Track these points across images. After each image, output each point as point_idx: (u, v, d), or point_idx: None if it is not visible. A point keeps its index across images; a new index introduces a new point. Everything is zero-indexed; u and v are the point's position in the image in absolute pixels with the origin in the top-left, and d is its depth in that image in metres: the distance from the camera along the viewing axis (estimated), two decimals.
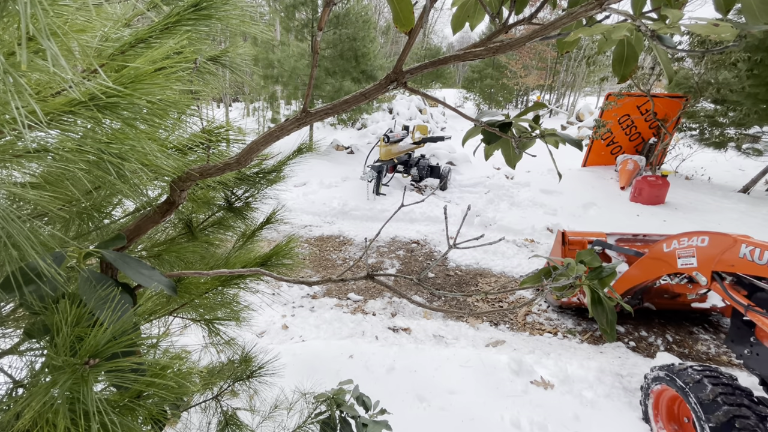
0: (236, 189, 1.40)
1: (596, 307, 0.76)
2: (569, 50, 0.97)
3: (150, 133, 0.62)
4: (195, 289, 1.25)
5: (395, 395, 2.48)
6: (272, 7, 9.98)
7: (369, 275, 0.92)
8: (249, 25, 0.81)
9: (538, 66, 21.21)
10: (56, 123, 0.52)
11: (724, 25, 0.62)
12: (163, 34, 0.69)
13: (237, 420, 1.42)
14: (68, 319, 0.59)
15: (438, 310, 0.94)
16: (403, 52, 0.80)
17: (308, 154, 1.52)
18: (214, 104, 13.03)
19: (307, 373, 2.42)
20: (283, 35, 10.42)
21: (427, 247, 5.27)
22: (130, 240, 0.88)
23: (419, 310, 3.73)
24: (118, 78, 0.55)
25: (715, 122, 8.13)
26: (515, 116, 0.92)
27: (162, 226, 1.32)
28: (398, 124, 11.27)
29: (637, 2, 0.75)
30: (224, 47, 0.99)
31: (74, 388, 0.54)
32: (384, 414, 1.40)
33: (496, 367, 2.79)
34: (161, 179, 0.88)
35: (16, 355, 0.75)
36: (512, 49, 0.77)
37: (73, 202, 0.84)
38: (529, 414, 2.41)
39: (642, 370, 2.86)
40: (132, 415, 0.68)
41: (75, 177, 0.57)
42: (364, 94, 0.82)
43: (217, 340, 1.46)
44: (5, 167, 0.53)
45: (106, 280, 0.66)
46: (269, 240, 1.59)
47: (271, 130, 0.84)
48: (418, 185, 7.86)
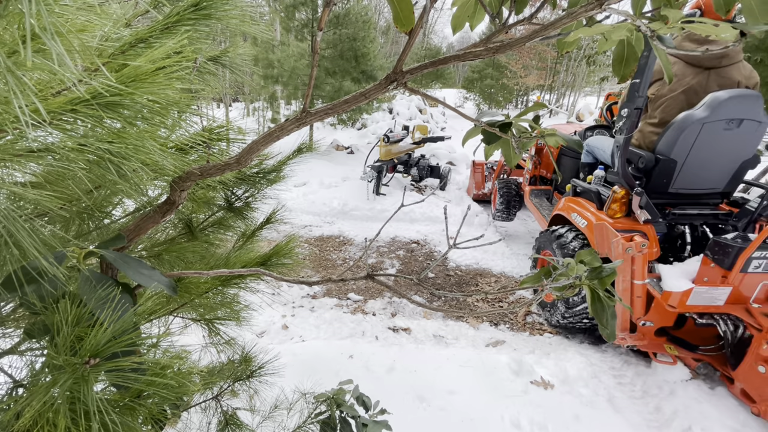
0: (236, 189, 1.41)
1: (596, 306, 0.76)
2: (569, 50, 0.97)
3: (151, 132, 0.62)
4: (195, 288, 1.25)
5: (395, 395, 2.48)
6: (272, 7, 9.99)
7: (369, 275, 0.92)
8: (249, 25, 0.81)
9: (538, 66, 21.20)
10: (58, 122, 0.52)
11: (724, 25, 0.62)
12: (163, 34, 0.69)
13: (237, 420, 1.42)
14: (68, 318, 0.59)
15: (438, 310, 0.94)
16: (403, 52, 0.80)
17: (308, 154, 1.52)
18: (214, 104, 13.03)
19: (307, 373, 2.42)
20: (283, 35, 10.42)
21: (427, 247, 5.27)
22: (130, 240, 0.88)
23: (419, 310, 3.73)
24: (119, 77, 0.55)
25: None
26: (515, 116, 0.92)
27: (162, 226, 1.33)
28: (398, 124, 11.27)
29: (637, 2, 0.75)
30: (224, 47, 0.99)
31: (74, 388, 0.55)
32: (384, 414, 1.40)
33: (496, 367, 2.79)
34: (162, 179, 0.88)
35: (17, 355, 0.75)
36: (512, 49, 0.77)
37: (74, 201, 0.84)
38: (529, 414, 2.41)
39: (643, 370, 2.86)
40: (132, 414, 0.68)
41: (76, 176, 0.57)
42: (364, 94, 0.82)
43: (217, 340, 1.46)
44: (6, 166, 0.53)
45: (106, 280, 0.66)
46: (269, 240, 1.59)
47: (271, 130, 0.84)
48: (418, 185, 7.86)
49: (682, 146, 2.64)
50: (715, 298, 2.37)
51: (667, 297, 2.46)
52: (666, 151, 2.71)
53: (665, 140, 2.72)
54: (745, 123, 2.56)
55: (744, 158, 2.77)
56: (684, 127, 2.58)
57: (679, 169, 2.73)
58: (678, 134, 2.61)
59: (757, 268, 2.27)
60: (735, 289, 2.34)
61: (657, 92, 2.86)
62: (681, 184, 2.83)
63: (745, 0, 0.66)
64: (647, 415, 2.52)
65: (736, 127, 2.57)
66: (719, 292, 2.34)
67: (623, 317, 2.72)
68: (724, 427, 2.33)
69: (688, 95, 2.72)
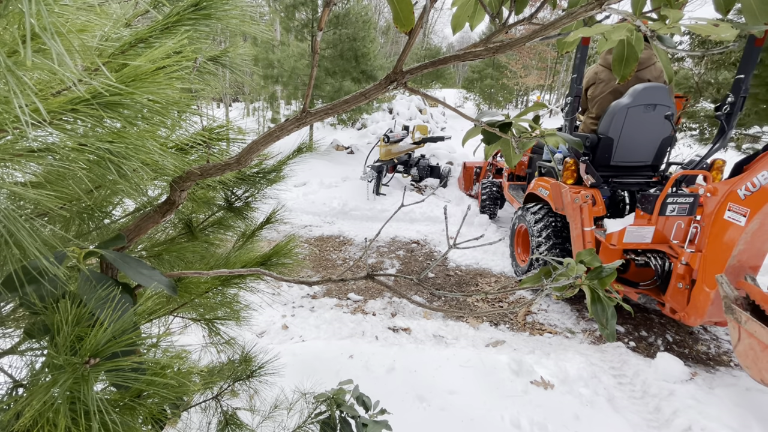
0: (236, 189, 1.40)
1: (596, 306, 0.76)
2: (569, 50, 0.97)
3: (151, 131, 0.62)
4: (195, 288, 1.25)
5: (395, 395, 2.48)
6: (272, 7, 9.99)
7: (369, 275, 0.92)
8: (249, 25, 0.81)
9: (538, 66, 21.20)
10: (58, 122, 0.52)
11: (724, 25, 0.62)
12: (163, 34, 0.69)
13: (237, 420, 1.42)
14: (68, 318, 0.59)
15: (438, 310, 0.94)
16: (403, 52, 0.80)
17: (308, 154, 1.52)
18: (214, 104, 13.03)
19: (307, 373, 2.42)
20: (283, 35, 10.42)
21: (427, 247, 5.27)
22: (130, 240, 0.88)
23: (419, 310, 3.73)
24: (119, 77, 0.55)
25: (715, 122, 8.14)
26: (515, 116, 0.92)
27: (162, 226, 1.33)
28: (398, 124, 11.27)
29: (637, 2, 0.75)
30: (224, 47, 0.99)
31: (75, 388, 0.55)
32: (384, 414, 1.40)
33: (496, 367, 2.79)
34: (161, 179, 0.88)
35: (17, 355, 0.75)
36: (512, 49, 0.77)
37: (74, 201, 0.84)
38: (529, 414, 2.41)
39: (642, 369, 2.86)
40: (132, 414, 0.68)
41: (76, 176, 0.57)
42: (364, 94, 0.82)
43: (217, 340, 1.46)
44: (6, 166, 0.53)
45: (106, 280, 0.66)
46: (269, 240, 1.59)
47: (271, 130, 0.84)
48: (418, 185, 7.86)
49: (616, 126, 3.55)
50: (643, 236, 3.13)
51: (609, 238, 3.26)
52: (604, 131, 3.63)
53: (603, 124, 3.65)
54: (658, 107, 3.46)
55: (663, 136, 3.65)
56: (615, 111, 3.51)
57: (615, 144, 3.61)
58: (611, 118, 3.54)
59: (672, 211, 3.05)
60: (658, 230, 3.10)
61: (592, 93, 3.88)
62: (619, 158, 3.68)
63: (745, 0, 0.66)
64: (647, 415, 2.52)
65: (652, 111, 3.47)
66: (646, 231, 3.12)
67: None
68: (724, 426, 2.33)
69: (614, 94, 3.72)
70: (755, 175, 2.49)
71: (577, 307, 3.84)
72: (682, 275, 2.94)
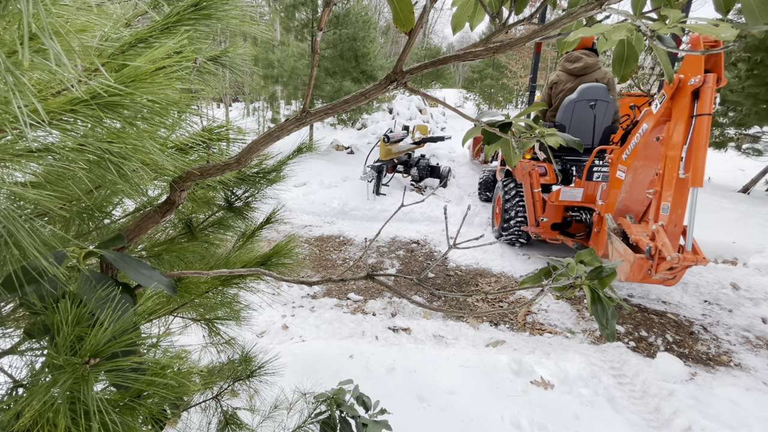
0: (236, 189, 1.40)
1: (596, 306, 0.76)
2: (569, 50, 0.97)
3: (151, 132, 0.62)
4: (195, 288, 1.25)
5: (395, 395, 2.48)
6: (272, 7, 9.98)
7: (369, 275, 0.92)
8: (249, 25, 0.81)
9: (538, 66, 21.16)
10: (57, 122, 0.52)
11: (724, 25, 0.62)
12: (163, 34, 0.69)
13: (237, 420, 1.42)
14: (68, 318, 0.59)
15: (438, 310, 0.94)
16: (403, 52, 0.80)
17: (308, 154, 1.52)
18: (214, 104, 13.02)
19: (307, 373, 2.42)
20: (283, 35, 10.42)
21: (427, 247, 5.27)
22: (130, 240, 0.88)
23: (419, 310, 3.73)
24: (119, 77, 0.55)
25: (714, 122, 8.15)
26: (515, 116, 0.92)
27: (162, 226, 1.33)
28: (398, 124, 11.27)
29: (637, 2, 0.75)
30: (224, 47, 0.99)
31: (75, 388, 0.55)
32: (384, 414, 1.40)
33: (496, 367, 2.79)
34: (161, 179, 0.88)
35: (17, 355, 0.75)
36: (512, 49, 0.77)
37: (74, 201, 0.84)
38: (529, 414, 2.41)
39: (642, 369, 2.86)
40: (132, 414, 0.68)
41: (76, 176, 0.57)
42: (364, 94, 0.82)
43: (217, 340, 1.46)
44: (6, 166, 0.53)
45: (106, 280, 0.66)
46: (269, 240, 1.59)
47: (271, 130, 0.84)
48: (418, 185, 7.86)
49: (566, 116, 4.64)
50: (574, 195, 4.32)
51: (550, 197, 4.43)
52: (559, 120, 4.71)
53: (558, 114, 4.74)
54: (599, 103, 4.52)
55: (605, 125, 4.69)
56: (566, 105, 4.62)
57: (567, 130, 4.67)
58: (564, 110, 4.64)
59: (598, 177, 4.18)
60: (586, 192, 4.28)
61: (554, 92, 4.92)
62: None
63: (745, 0, 0.66)
64: (647, 415, 2.52)
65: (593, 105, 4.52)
66: (576, 191, 4.31)
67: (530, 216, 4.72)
68: (724, 426, 2.33)
69: (568, 93, 4.76)
70: (632, 141, 3.47)
71: (577, 307, 3.84)
72: (597, 222, 4.07)
